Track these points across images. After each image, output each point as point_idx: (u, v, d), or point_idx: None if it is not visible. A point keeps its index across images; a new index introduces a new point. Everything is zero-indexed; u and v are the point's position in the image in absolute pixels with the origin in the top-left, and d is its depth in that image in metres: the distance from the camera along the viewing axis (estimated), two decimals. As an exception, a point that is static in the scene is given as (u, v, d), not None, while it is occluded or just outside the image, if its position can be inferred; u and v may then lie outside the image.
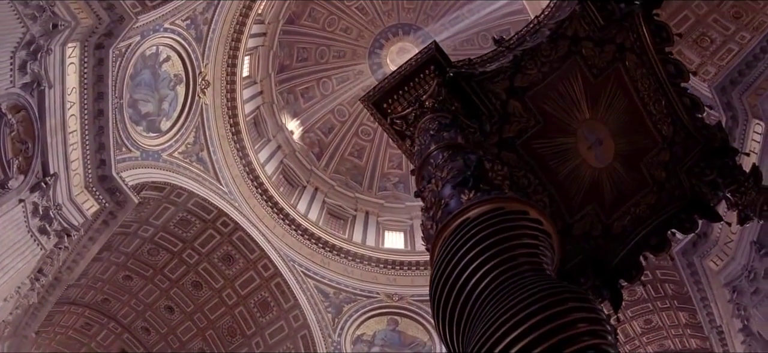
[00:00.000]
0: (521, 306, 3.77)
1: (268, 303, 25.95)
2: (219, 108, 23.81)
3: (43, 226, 17.47)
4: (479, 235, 4.85)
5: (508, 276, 4.41)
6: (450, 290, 4.71)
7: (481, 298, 4.34)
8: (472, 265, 4.61)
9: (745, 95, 16.35)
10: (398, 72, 10.06)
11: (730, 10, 16.71)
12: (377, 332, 26.80)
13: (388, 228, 30.05)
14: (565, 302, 3.78)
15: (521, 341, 3.55)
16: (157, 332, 25.95)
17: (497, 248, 4.69)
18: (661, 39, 10.15)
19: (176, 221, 23.46)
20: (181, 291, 25.42)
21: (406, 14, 32.28)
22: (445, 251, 5.09)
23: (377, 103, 9.89)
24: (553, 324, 3.58)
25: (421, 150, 8.03)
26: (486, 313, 4.08)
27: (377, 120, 10.08)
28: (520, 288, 4.05)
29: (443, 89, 9.19)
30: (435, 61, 9.63)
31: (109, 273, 23.64)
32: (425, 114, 9.02)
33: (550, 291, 3.87)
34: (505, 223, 4.97)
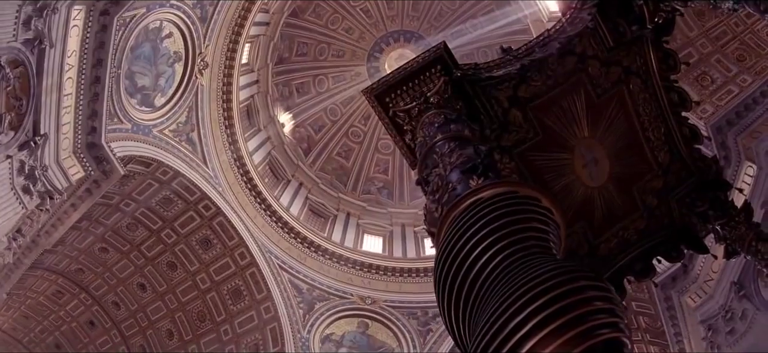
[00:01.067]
0: (537, 282, 3.72)
1: (241, 292, 25.87)
2: (214, 91, 23.75)
3: (27, 185, 17.34)
4: (492, 215, 4.83)
5: (520, 256, 4.39)
6: (459, 266, 4.66)
7: (493, 275, 4.31)
8: (485, 243, 4.57)
9: (740, 137, 16.62)
10: (403, 68, 10.13)
11: (734, 53, 17.03)
12: (346, 333, 26.81)
13: (368, 232, 30.09)
14: (579, 280, 3.75)
15: (538, 315, 3.50)
16: (127, 308, 25.78)
17: (510, 228, 4.67)
18: (667, 66, 10.28)
19: (159, 199, 23.37)
20: (155, 270, 25.28)
21: (409, 22, 32.43)
22: (454, 229, 5.04)
23: (380, 96, 9.94)
24: (571, 299, 3.54)
25: (424, 141, 8.05)
26: (499, 290, 4.01)
27: (377, 112, 10.12)
28: (533, 267, 4.02)
29: (450, 87, 9.29)
30: (442, 61, 9.71)
31: (86, 243, 23.46)
32: (429, 109, 9.07)
33: (564, 270, 3.84)
34: (519, 206, 4.98)
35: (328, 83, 33.40)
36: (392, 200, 32.59)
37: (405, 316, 26.90)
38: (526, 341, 3.43)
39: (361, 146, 33.91)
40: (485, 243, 4.58)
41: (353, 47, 33.32)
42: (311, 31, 32.06)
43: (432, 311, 26.78)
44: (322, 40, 32.60)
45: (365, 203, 31.84)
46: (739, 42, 17.27)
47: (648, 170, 10.37)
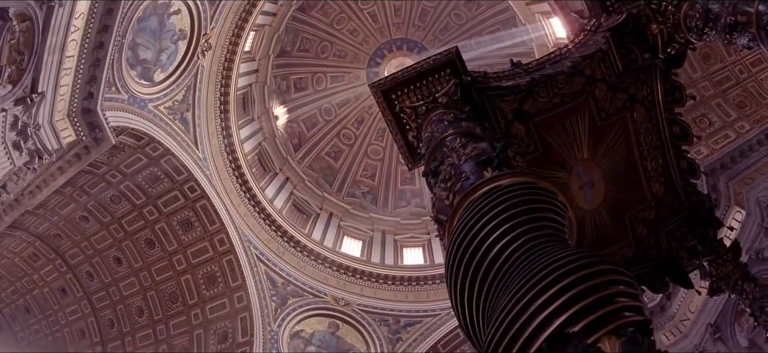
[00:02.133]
0: (563, 264, 3.75)
1: (216, 278, 25.77)
2: (214, 74, 23.78)
3: (18, 141, 17.27)
4: (511, 201, 4.87)
5: (539, 242, 4.42)
6: (476, 248, 4.70)
7: (512, 258, 4.33)
8: (504, 226, 4.61)
9: (732, 182, 16.88)
10: (413, 67, 10.30)
11: (736, 99, 17.32)
12: (316, 332, 26.78)
13: (349, 234, 30.14)
14: (602, 264, 3.81)
15: (565, 294, 3.53)
16: (100, 280, 25.60)
17: (529, 216, 4.73)
18: (673, 98, 10.47)
19: (146, 174, 23.28)
20: (133, 245, 25.14)
21: (415, 31, 32.62)
22: (470, 214, 5.08)
23: (386, 91, 10.11)
24: (598, 281, 3.59)
25: (433, 136, 8.19)
26: (521, 271, 4.05)
27: (381, 108, 10.28)
28: (555, 252, 4.05)
29: (459, 91, 9.42)
30: (452, 66, 9.90)
31: (67, 209, 23.28)
32: (437, 109, 9.24)
33: (587, 254, 3.91)
34: (537, 196, 5.05)
35: (326, 82, 33.52)
36: (376, 206, 32.69)
37: (377, 322, 26.91)
38: (553, 319, 3.44)
39: (351, 149, 34.01)
40: (505, 227, 4.63)
41: (356, 50, 33.47)
42: (316, 28, 32.19)
43: (404, 319, 26.89)
44: (326, 38, 32.74)
45: (349, 205, 31.91)
46: (741, 89, 17.58)
47: (642, 199, 10.51)
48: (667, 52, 9.85)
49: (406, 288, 27.67)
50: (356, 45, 33.36)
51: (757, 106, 17.47)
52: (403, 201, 33.12)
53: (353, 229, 30.55)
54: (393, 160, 33.98)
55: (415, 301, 27.35)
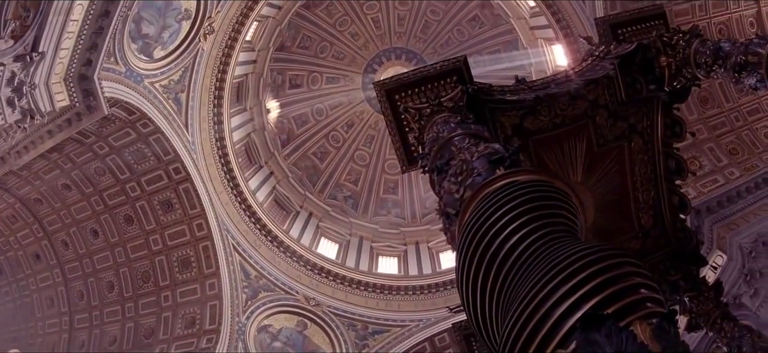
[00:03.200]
0: (584, 255, 3.79)
1: (190, 263, 25.65)
2: (213, 59, 23.84)
3: (13, 98, 17.13)
4: (528, 196, 4.88)
5: (556, 237, 4.44)
6: (492, 239, 4.67)
7: (530, 250, 4.32)
8: (522, 219, 4.62)
9: (716, 226, 17.11)
10: (419, 71, 10.46)
11: (728, 145, 17.64)
12: (284, 328, 26.75)
13: (326, 236, 30.24)
14: (622, 257, 3.87)
15: (591, 281, 3.56)
16: (75, 250, 25.40)
17: (545, 211, 4.77)
18: (672, 133, 10.64)
19: (133, 150, 23.18)
20: (111, 220, 24.98)
21: (415, 42, 32.90)
22: (485, 207, 5.03)
23: (390, 91, 10.24)
24: (618, 272, 3.65)
25: (438, 136, 8.30)
26: (540, 262, 4.04)
27: (383, 106, 10.38)
28: (572, 246, 4.07)
29: (466, 97, 9.56)
30: (459, 73, 10.06)
31: (51, 175, 23.11)
32: (442, 112, 9.39)
33: (605, 247, 3.95)
34: (552, 193, 5.10)
35: (322, 83, 33.68)
36: (356, 212, 32.83)
37: (345, 326, 26.95)
38: (585, 301, 3.47)
39: (338, 152, 34.18)
40: (523, 219, 4.63)
41: (355, 54, 33.67)
42: (318, 26, 32.38)
43: (372, 327, 26.97)
44: (327, 38, 32.93)
45: (329, 207, 32.04)
46: (735, 135, 17.93)
47: (629, 229, 10.66)
48: (672, 86, 10.00)
49: (377, 296, 27.77)
50: (356, 49, 33.56)
51: (749, 154, 17.79)
52: (383, 210, 33.27)
53: (331, 231, 30.64)
54: (378, 168, 34.18)
55: (385, 309, 27.44)
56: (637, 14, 10.80)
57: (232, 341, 25.19)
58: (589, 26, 19.31)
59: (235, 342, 25.30)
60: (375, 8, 32.45)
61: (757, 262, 16.28)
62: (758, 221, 16.92)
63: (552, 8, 21.00)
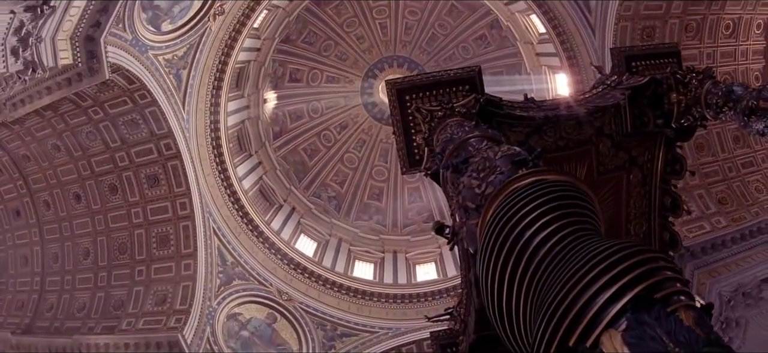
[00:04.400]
0: (623, 247, 3.86)
1: (169, 240, 25.54)
2: (219, 41, 23.91)
3: (18, 48, 17.19)
4: (556, 194, 4.95)
5: (586, 234, 4.51)
6: (520, 234, 4.68)
7: (563, 244, 4.37)
8: (551, 214, 4.68)
9: (698, 271, 17.37)
10: (432, 75, 10.70)
11: (719, 194, 17.98)
12: (254, 319, 26.68)
13: (306, 233, 30.32)
14: (653, 252, 3.95)
15: (637, 269, 3.63)
16: (55, 212, 25.24)
17: (573, 210, 4.85)
18: (672, 170, 10.87)
19: (127, 119, 23.13)
20: (96, 186, 24.86)
21: (419, 53, 33.17)
22: (512, 203, 5.06)
23: (402, 91, 10.47)
24: (653, 265, 3.73)
25: (452, 137, 8.45)
26: (578, 254, 4.04)
27: (392, 104, 10.61)
28: (603, 241, 4.13)
29: (479, 105, 9.76)
30: (472, 83, 10.31)
31: (42, 133, 23.00)
32: (453, 117, 9.57)
33: (637, 244, 4.05)
34: (578, 195, 5.17)
35: (321, 81, 33.84)
36: (338, 213, 32.97)
37: (314, 324, 26.98)
38: (626, 291, 3.54)
39: (328, 152, 34.32)
40: (554, 214, 4.68)
41: (357, 56, 33.88)
42: (326, 24, 32.57)
43: (341, 329, 27.04)
44: (333, 37, 33.12)
45: (313, 205, 32.14)
46: (726, 186, 18.28)
47: (617, 260, 10.84)
48: (679, 123, 10.24)
49: (350, 299, 27.89)
50: (359, 52, 33.77)
51: (738, 205, 18.13)
52: (365, 215, 33.42)
53: (311, 229, 30.72)
54: (366, 173, 34.36)
55: (356, 314, 27.54)
56: (652, 49, 11.09)
57: (201, 324, 25.04)
58: (596, 58, 19.68)
59: (204, 326, 25.15)
60: (384, 14, 32.70)
61: (735, 311, 16.54)
62: (740, 271, 17.20)
63: (561, 36, 21.36)
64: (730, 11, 18.52)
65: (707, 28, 18.54)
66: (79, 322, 24.86)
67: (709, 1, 18.08)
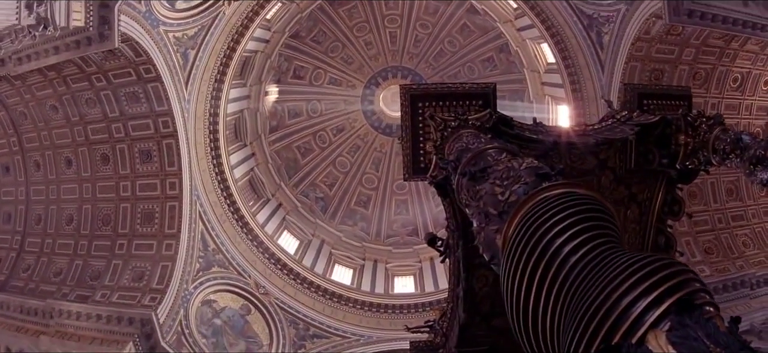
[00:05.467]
0: (652, 259, 3.98)
1: (154, 218, 25.48)
2: (231, 26, 24.00)
3: (32, 3, 17.31)
4: (586, 206, 5.07)
5: (612, 246, 4.61)
6: (549, 242, 4.74)
7: (596, 252, 4.44)
8: (582, 225, 4.78)
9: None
10: (447, 86, 10.93)
11: (705, 244, 18.25)
12: (228, 308, 26.61)
13: (290, 230, 30.38)
14: (679, 265, 4.06)
15: (676, 277, 3.80)
16: (45, 174, 25.16)
17: (602, 222, 4.97)
18: (669, 210, 11.06)
19: (129, 91, 23.17)
20: (88, 154, 24.83)
21: (425, 67, 33.45)
22: (541, 212, 5.13)
23: (415, 97, 10.67)
24: (686, 277, 3.87)
25: (467, 147, 8.61)
26: (611, 264, 4.13)
27: (403, 109, 10.82)
28: (638, 253, 4.24)
29: (493, 120, 9.96)
30: (485, 98, 10.53)
31: (43, 93, 22.98)
32: (466, 128, 9.75)
33: (664, 257, 4.22)
34: (604, 210, 5.28)
35: (324, 81, 34.02)
36: (324, 215, 33.08)
37: (287, 321, 26.98)
38: (668, 296, 3.69)
39: (322, 153, 34.47)
40: (585, 225, 4.78)
41: (363, 62, 34.11)
42: (336, 25, 32.78)
43: (313, 330, 27.09)
44: (341, 39, 33.33)
45: (299, 203, 32.24)
46: (714, 236, 18.57)
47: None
48: (684, 165, 10.42)
49: (326, 301, 27.94)
50: (366, 58, 33.99)
51: (723, 257, 18.39)
52: (350, 220, 33.56)
53: (295, 227, 30.79)
54: (356, 178, 34.53)
55: (330, 316, 27.60)
56: (664, 90, 11.35)
57: (176, 306, 24.96)
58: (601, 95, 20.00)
59: (178, 308, 25.06)
60: (396, 23, 32.97)
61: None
62: (719, 321, 17.39)
63: (570, 68, 21.67)
64: (740, 65, 18.98)
65: (715, 78, 18.97)
66: (54, 287, 24.76)
67: (721, 53, 18.50)
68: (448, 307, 12.69)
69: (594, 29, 20.29)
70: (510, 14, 27.22)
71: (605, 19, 19.68)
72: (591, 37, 20.62)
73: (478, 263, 10.58)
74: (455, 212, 10.33)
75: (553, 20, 21.75)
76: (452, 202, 10.23)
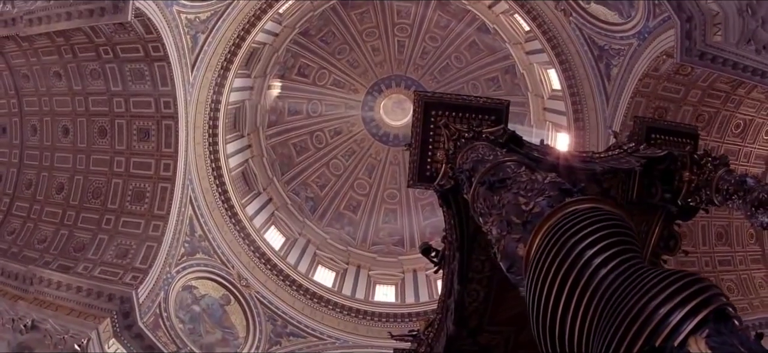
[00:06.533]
0: (683, 274, 4.17)
1: (144, 197, 25.44)
2: (244, 15, 24.14)
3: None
4: (613, 221, 5.20)
5: (640, 261, 4.74)
6: (582, 252, 4.83)
7: (626, 265, 4.57)
8: (611, 239, 4.88)
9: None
10: (461, 98, 11.10)
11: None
12: (208, 296, 26.61)
13: (277, 226, 30.51)
14: (708, 281, 4.21)
15: (703, 294, 3.96)
16: (41, 140, 25.08)
17: (629, 239, 5.10)
18: (665, 245, 11.23)
19: (135, 67, 23.20)
20: (87, 125, 24.80)
21: (429, 80, 33.70)
22: (570, 225, 5.23)
23: (429, 104, 10.84)
24: (715, 291, 4.05)
25: (483, 158, 8.77)
26: (644, 278, 4.26)
27: (416, 115, 10.98)
28: (664, 269, 4.55)
29: (507, 136, 10.14)
30: (498, 114, 10.72)
31: (48, 58, 22.96)
32: (480, 140, 9.92)
33: (692, 273, 4.30)
34: (629, 227, 5.40)
35: (327, 82, 34.20)
36: (312, 215, 33.22)
37: (266, 316, 27.04)
38: (705, 306, 3.89)
39: (318, 153, 34.64)
40: (612, 240, 4.89)
41: (369, 67, 34.34)
42: (346, 27, 33.02)
43: (291, 328, 27.17)
44: (349, 42, 33.57)
45: (289, 200, 32.37)
46: (698, 277, 18.75)
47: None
48: (686, 202, 10.64)
49: (306, 301, 28.05)
50: (371, 63, 34.22)
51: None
52: (338, 223, 33.70)
53: (283, 223, 30.90)
54: (348, 183, 34.71)
55: (309, 316, 27.72)
56: (673, 126, 11.62)
57: (156, 287, 24.88)
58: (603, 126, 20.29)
59: (158, 290, 24.99)
60: (405, 32, 33.23)
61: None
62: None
63: (575, 97, 21.94)
64: (744, 112, 19.33)
65: (718, 122, 19.31)
66: (37, 254, 24.65)
67: (726, 98, 18.85)
68: (436, 318, 12.80)
69: (603, 60, 20.59)
70: (521, 37, 27.61)
71: (616, 51, 20.00)
72: (599, 68, 20.92)
73: (471, 277, 10.77)
74: (458, 223, 10.48)
75: (564, 47, 22.05)
76: (455, 213, 10.41)
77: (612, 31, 20.00)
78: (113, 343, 22.10)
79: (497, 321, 11.02)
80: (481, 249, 10.47)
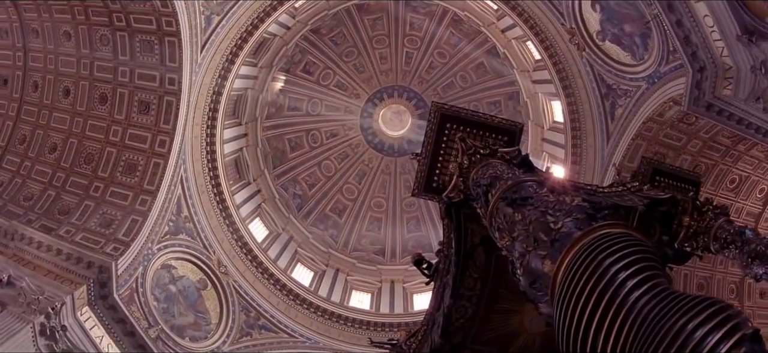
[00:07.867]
0: (713, 301, 4.35)
1: (136, 169, 25.33)
2: (259, 2, 24.22)
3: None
4: (642, 247, 5.39)
5: (669, 286, 4.90)
6: (613, 277, 4.96)
7: (657, 290, 4.71)
8: (641, 264, 5.02)
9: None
10: (478, 115, 11.34)
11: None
12: (186, 277, 26.57)
13: (262, 218, 30.63)
14: (733, 307, 4.42)
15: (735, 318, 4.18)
16: (41, 98, 25.06)
17: (655, 263, 5.28)
18: None
19: (145, 40, 23.28)
20: (89, 89, 24.77)
21: (431, 94, 33.95)
22: (600, 246, 5.39)
23: (444, 116, 11.06)
24: (741, 318, 4.23)
25: (502, 176, 8.97)
26: (677, 302, 4.42)
27: (430, 125, 11.20)
28: (695, 295, 4.58)
29: (520, 158, 10.37)
30: (511, 135, 10.97)
31: (61, 16, 23.02)
32: (495, 158, 10.15)
33: (720, 300, 4.54)
34: (655, 255, 5.59)
35: (330, 83, 34.40)
36: (298, 213, 33.34)
37: (240, 306, 27.09)
38: (739, 329, 4.10)
39: (311, 152, 34.82)
40: (644, 264, 5.05)
41: (374, 75, 34.63)
42: (357, 32, 33.31)
43: (263, 320, 27.27)
44: (357, 46, 33.85)
45: (278, 195, 32.50)
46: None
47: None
48: (682, 246, 10.89)
49: (281, 296, 28.16)
50: (377, 71, 34.49)
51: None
52: (322, 225, 33.85)
53: (268, 217, 31.01)
54: (337, 186, 34.92)
55: (283, 312, 27.82)
56: (678, 171, 11.92)
57: (136, 262, 24.76)
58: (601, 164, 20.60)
59: (137, 265, 24.87)
60: (414, 44, 33.56)
61: None
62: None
63: (576, 132, 22.26)
64: (742, 168, 19.75)
65: (714, 175, 19.72)
66: (22, 211, 24.55)
67: (725, 152, 19.26)
68: (420, 329, 12.94)
69: (610, 99, 20.91)
70: (530, 65, 28.02)
71: (623, 92, 20.33)
72: (605, 106, 21.25)
73: (462, 293, 10.97)
74: (459, 237, 10.68)
75: (572, 81, 22.36)
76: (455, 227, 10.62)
77: (623, 71, 20.35)
78: (86, 311, 21.94)
79: (480, 340, 11.15)
80: (476, 267, 10.70)
